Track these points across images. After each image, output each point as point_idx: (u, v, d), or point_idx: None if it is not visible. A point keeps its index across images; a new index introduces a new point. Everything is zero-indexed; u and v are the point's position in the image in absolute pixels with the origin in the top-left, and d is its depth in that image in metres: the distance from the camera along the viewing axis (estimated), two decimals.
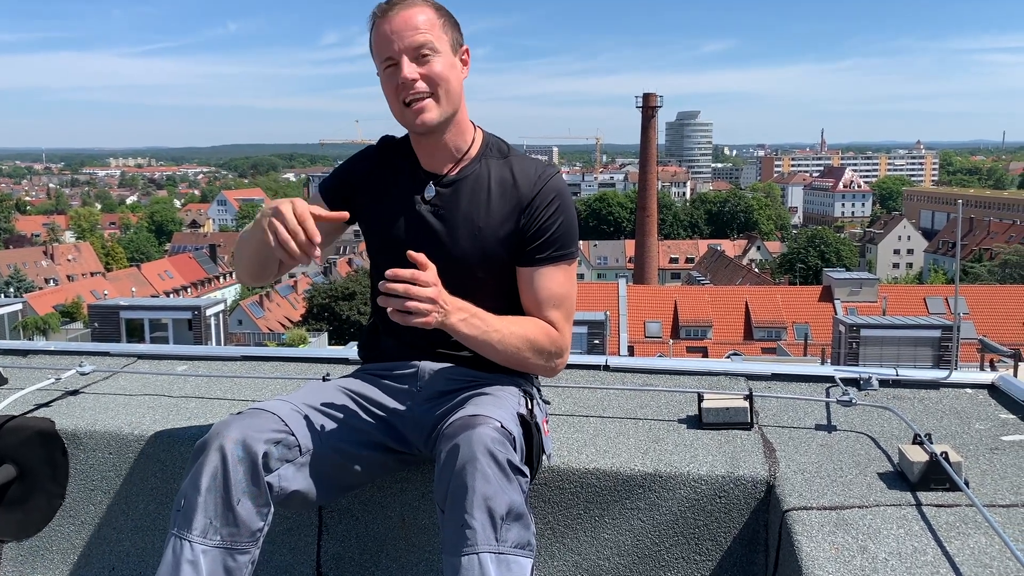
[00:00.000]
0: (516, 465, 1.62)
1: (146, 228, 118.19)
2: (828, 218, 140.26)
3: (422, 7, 1.85)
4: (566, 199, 1.94)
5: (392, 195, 1.98)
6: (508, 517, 1.57)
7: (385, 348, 2.06)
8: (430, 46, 1.82)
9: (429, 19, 1.84)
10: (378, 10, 1.86)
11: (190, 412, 2.43)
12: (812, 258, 75.93)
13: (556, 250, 1.92)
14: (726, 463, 2.01)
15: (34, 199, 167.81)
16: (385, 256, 1.97)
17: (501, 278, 1.94)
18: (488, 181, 1.93)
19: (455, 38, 1.89)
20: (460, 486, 1.57)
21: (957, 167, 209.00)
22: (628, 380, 2.64)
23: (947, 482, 1.82)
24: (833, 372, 2.58)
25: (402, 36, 1.81)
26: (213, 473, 1.63)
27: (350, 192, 2.01)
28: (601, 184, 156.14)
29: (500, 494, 1.56)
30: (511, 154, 1.98)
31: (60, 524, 2.34)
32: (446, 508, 1.60)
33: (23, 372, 2.84)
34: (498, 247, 1.91)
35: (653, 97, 69.02)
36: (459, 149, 1.95)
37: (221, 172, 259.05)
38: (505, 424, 1.67)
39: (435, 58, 1.83)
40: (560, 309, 1.93)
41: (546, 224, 1.91)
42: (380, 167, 2.02)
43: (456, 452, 1.60)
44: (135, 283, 68.80)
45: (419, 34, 1.81)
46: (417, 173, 1.97)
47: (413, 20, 1.82)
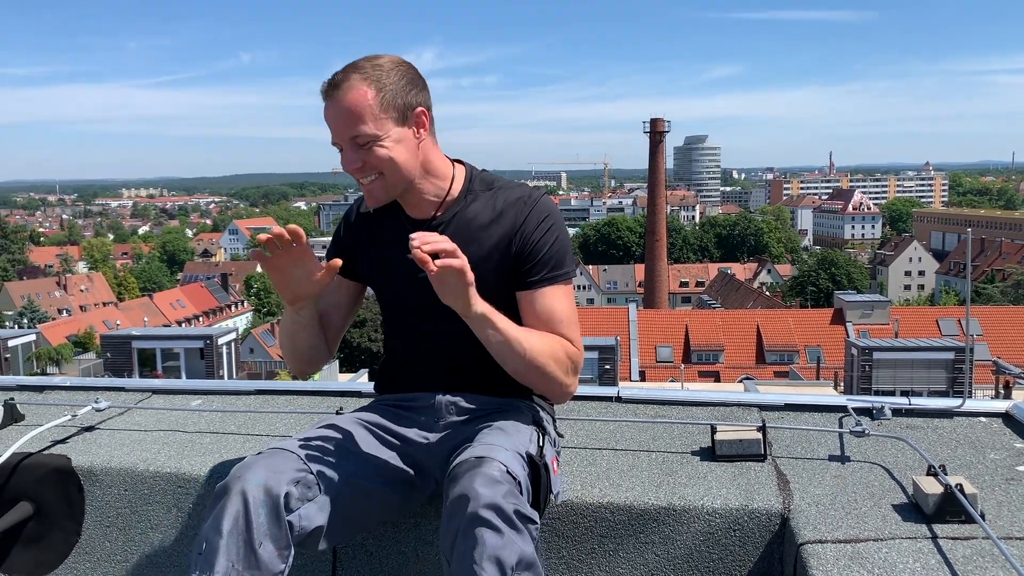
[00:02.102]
0: (524, 514, 1.60)
1: (158, 258, 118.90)
2: (838, 240, 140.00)
3: (357, 88, 1.79)
4: (556, 219, 1.94)
5: (383, 248, 2.01)
6: (518, 567, 1.55)
7: (401, 381, 2.08)
8: (365, 135, 1.80)
9: (360, 102, 1.79)
10: (321, 91, 1.84)
11: (205, 447, 2.44)
12: (823, 281, 75.68)
13: (552, 270, 1.92)
14: (740, 496, 2.01)
15: (48, 230, 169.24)
16: (390, 308, 2.07)
17: (505, 310, 1.92)
18: (475, 217, 1.94)
19: (402, 105, 1.84)
20: (468, 540, 1.55)
21: (967, 188, 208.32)
22: (640, 412, 2.64)
23: (963, 514, 1.81)
24: (846, 402, 2.57)
25: (337, 128, 1.82)
26: (235, 516, 1.63)
27: (349, 257, 2.06)
28: (610, 209, 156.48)
29: (510, 545, 1.54)
30: (495, 185, 1.98)
31: (76, 561, 2.34)
32: (452, 561, 1.58)
33: (39, 408, 2.87)
34: (495, 281, 1.91)
35: (661, 122, 69.35)
36: (438, 194, 1.95)
37: (233, 201, 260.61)
38: (511, 468, 1.65)
39: (374, 145, 1.81)
40: (568, 326, 1.92)
41: (539, 245, 1.91)
42: (365, 224, 2.06)
43: (464, 503, 1.58)
44: (147, 313, 69.06)
45: (353, 124, 1.80)
46: (402, 222, 1.98)
47: (346, 108, 1.79)
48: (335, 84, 1.81)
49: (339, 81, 1.80)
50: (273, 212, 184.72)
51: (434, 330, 1.98)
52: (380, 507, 1.90)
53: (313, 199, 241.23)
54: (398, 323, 2.08)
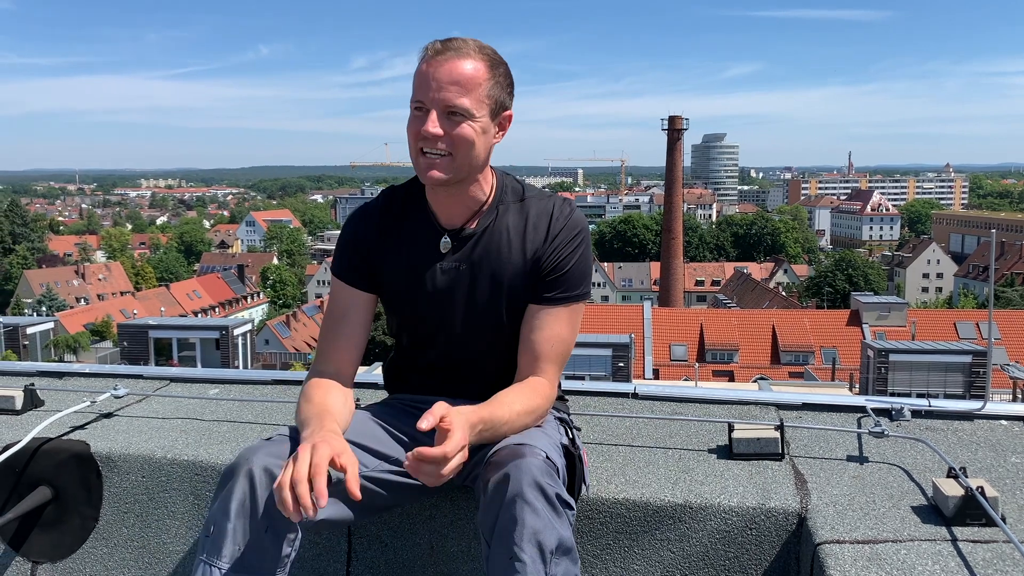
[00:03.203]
0: (564, 499, 1.62)
1: (175, 248, 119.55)
2: (856, 241, 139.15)
3: (475, 60, 1.73)
4: (585, 237, 1.91)
5: (408, 251, 1.92)
6: (558, 551, 1.56)
7: (415, 383, 2.07)
8: (465, 110, 1.72)
9: (476, 78, 1.73)
10: (430, 48, 1.75)
11: (222, 436, 2.45)
12: (840, 282, 75.19)
13: (568, 290, 1.88)
14: (757, 494, 2.00)
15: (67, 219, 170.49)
16: (408, 312, 1.96)
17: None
18: (507, 230, 1.88)
19: (500, 101, 1.79)
20: (509, 519, 1.56)
21: (987, 190, 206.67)
22: (657, 408, 2.63)
23: (983, 517, 1.80)
24: (865, 402, 2.55)
25: (440, 88, 1.71)
26: (241, 499, 1.63)
27: (369, 264, 1.94)
28: (626, 206, 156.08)
29: (550, 528, 1.56)
30: (526, 195, 1.92)
31: (94, 546, 2.36)
32: (493, 541, 1.59)
33: (59, 394, 2.89)
34: (522, 293, 1.88)
35: (679, 120, 69.04)
36: (476, 201, 1.88)
37: (250, 193, 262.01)
38: (550, 455, 1.67)
39: (466, 123, 1.74)
40: (552, 361, 1.88)
41: (563, 262, 1.87)
42: (389, 223, 1.94)
43: (505, 484, 1.59)
44: (164, 303, 69.57)
45: (458, 94, 1.71)
46: (432, 226, 1.91)
47: (458, 75, 1.71)
48: (452, 47, 1.73)
49: (457, 47, 1.73)
50: (290, 204, 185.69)
51: (456, 344, 1.95)
52: (388, 495, 1.89)
53: (330, 192, 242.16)
54: (412, 329, 2.00)
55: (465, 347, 1.94)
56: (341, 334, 1.94)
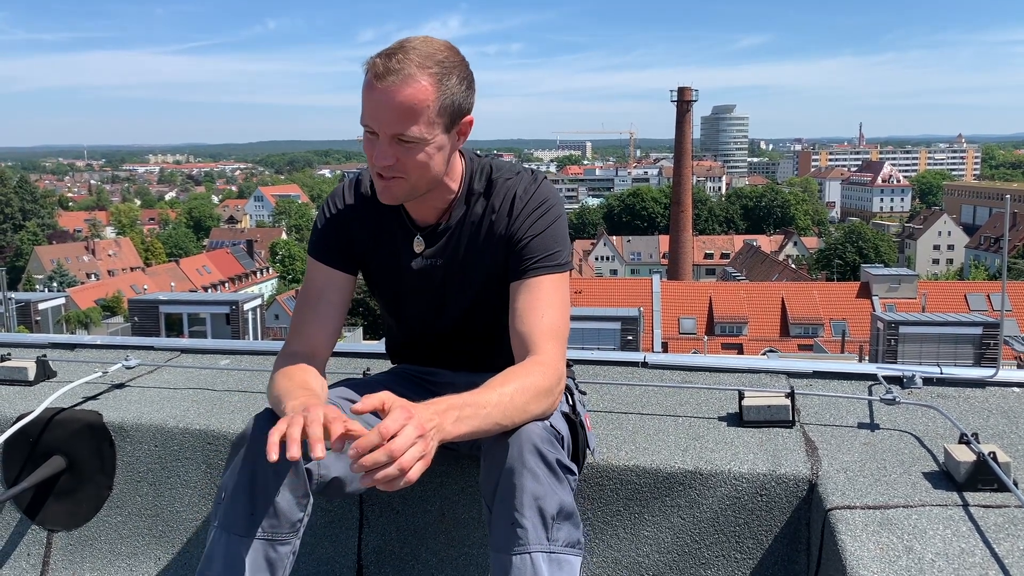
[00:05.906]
0: (565, 464, 1.62)
1: (184, 224, 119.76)
2: (867, 213, 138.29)
3: (420, 79, 1.59)
4: (552, 207, 1.82)
5: (383, 245, 1.91)
6: (559, 516, 1.57)
7: (409, 358, 2.09)
8: (412, 137, 1.63)
9: (423, 100, 1.60)
10: (371, 67, 1.62)
11: (233, 406, 2.47)
12: (850, 254, 74.88)
13: (539, 260, 1.79)
14: (767, 461, 2.00)
15: (76, 195, 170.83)
16: (387, 306, 2.00)
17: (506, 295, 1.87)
18: (480, 219, 1.84)
19: (455, 110, 1.67)
20: (509, 485, 1.57)
21: (1000, 161, 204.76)
22: (667, 377, 2.62)
23: (995, 482, 1.79)
24: (876, 370, 2.54)
25: (384, 117, 1.61)
26: (252, 466, 1.64)
27: (351, 247, 1.91)
28: (635, 179, 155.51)
29: (550, 493, 1.56)
30: (494, 176, 1.85)
31: (108, 515, 2.39)
32: (494, 506, 1.60)
33: (71, 366, 2.91)
34: (503, 275, 1.84)
35: (688, 91, 68.50)
36: (445, 199, 1.84)
37: (258, 168, 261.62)
38: (552, 422, 1.67)
39: (415, 147, 1.65)
40: (548, 330, 1.74)
41: (531, 230, 1.80)
42: (364, 213, 1.91)
43: (505, 450, 1.59)
44: (174, 278, 69.85)
45: (405, 122, 1.61)
46: (404, 224, 1.88)
47: (402, 100, 1.59)
48: (392, 70, 1.59)
49: (398, 68, 1.59)
50: (298, 179, 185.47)
51: (441, 327, 1.96)
52: None
53: (338, 167, 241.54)
54: (396, 313, 2.01)
55: (462, 334, 1.95)
56: (318, 314, 1.89)
